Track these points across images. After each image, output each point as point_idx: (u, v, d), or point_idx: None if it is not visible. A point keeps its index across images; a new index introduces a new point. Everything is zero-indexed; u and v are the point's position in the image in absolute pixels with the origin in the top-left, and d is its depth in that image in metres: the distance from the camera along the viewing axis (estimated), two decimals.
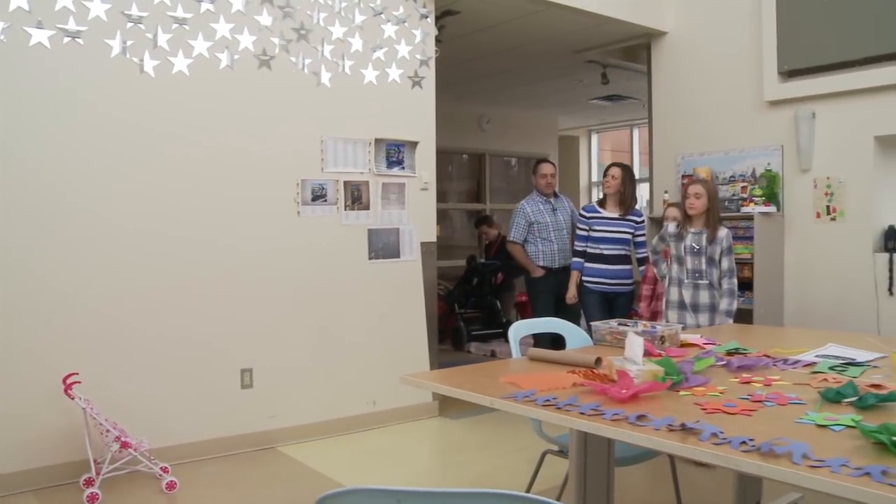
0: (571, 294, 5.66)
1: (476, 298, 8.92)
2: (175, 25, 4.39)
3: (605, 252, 5.52)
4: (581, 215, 5.69)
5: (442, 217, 11.13)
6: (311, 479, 4.26)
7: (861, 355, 2.86)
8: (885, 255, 5.24)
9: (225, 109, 4.60)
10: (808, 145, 5.59)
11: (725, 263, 4.67)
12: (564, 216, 6.00)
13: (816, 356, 2.86)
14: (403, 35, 5.29)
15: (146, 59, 4.31)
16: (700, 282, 4.70)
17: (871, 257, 5.32)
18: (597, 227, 5.56)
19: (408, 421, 5.32)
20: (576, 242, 5.68)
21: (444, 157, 10.75)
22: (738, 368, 2.61)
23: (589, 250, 5.57)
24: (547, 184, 5.97)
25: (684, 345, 3.12)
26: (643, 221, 5.66)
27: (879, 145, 5.33)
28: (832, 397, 2.15)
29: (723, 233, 4.69)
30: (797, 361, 2.76)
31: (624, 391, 2.13)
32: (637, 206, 5.70)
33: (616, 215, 5.56)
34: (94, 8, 4.13)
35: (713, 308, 4.68)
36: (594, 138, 12.91)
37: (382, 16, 5.18)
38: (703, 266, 4.69)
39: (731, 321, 4.56)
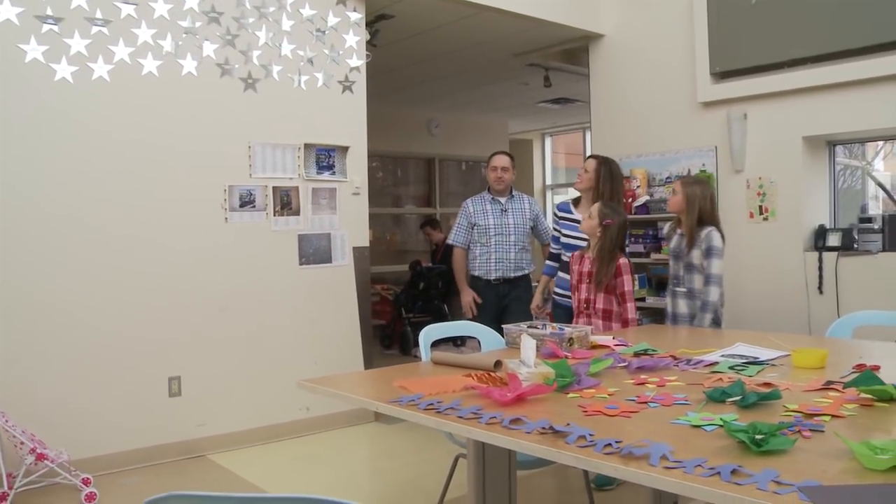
0: (535, 304, 5.05)
1: (423, 303, 8.89)
2: (95, 30, 4.32)
3: (568, 259, 4.66)
4: (554, 214, 5.03)
5: (396, 221, 11.12)
6: (241, 488, 4.20)
7: (764, 354, 2.88)
8: (815, 254, 5.29)
9: (148, 116, 4.54)
10: (741, 146, 5.63)
11: (707, 269, 4.17)
12: (518, 220, 5.13)
13: (721, 356, 2.87)
14: (333, 40, 5.26)
15: (63, 65, 4.23)
16: (677, 289, 4.34)
17: (801, 256, 5.37)
18: (564, 232, 4.81)
19: (343, 427, 5.28)
20: (551, 245, 5.03)
21: (395, 161, 10.75)
22: (637, 369, 2.61)
23: (563, 257, 4.82)
24: (497, 178, 5.13)
25: (595, 346, 3.12)
26: None
27: (808, 146, 5.38)
28: (717, 397, 2.15)
29: (703, 234, 4.19)
30: (700, 361, 2.76)
31: (508, 394, 2.11)
32: None
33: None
34: (3, 11, 4.05)
35: (692, 319, 4.24)
36: (548, 141, 12.95)
37: (311, 21, 5.14)
38: (682, 272, 4.31)
39: None
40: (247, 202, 4.87)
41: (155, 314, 4.58)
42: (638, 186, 6.11)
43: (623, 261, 4.11)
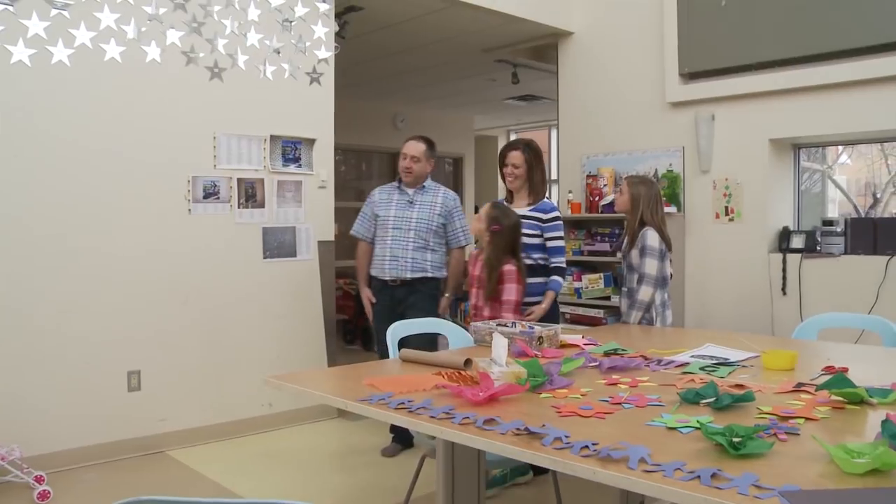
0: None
1: None
2: (54, 12, 4.19)
3: None
4: None
5: None
6: (201, 485, 4.12)
7: (735, 355, 2.88)
8: (779, 256, 5.34)
9: (111, 103, 4.42)
10: (708, 147, 5.66)
11: (640, 268, 4.15)
12: (423, 214, 4.50)
13: (691, 356, 2.87)
14: (301, 30, 5.15)
15: (20, 47, 4.10)
16: (623, 289, 4.34)
17: (766, 258, 5.41)
18: None
19: (306, 423, 5.21)
20: None
21: (360, 155, 10.66)
22: (608, 369, 2.59)
23: None
24: (405, 169, 4.52)
25: (564, 345, 3.10)
26: (553, 219, 4.25)
27: (774, 148, 5.42)
28: (691, 398, 2.14)
29: (642, 234, 4.15)
30: (671, 362, 2.76)
31: (481, 394, 2.08)
32: (547, 198, 4.35)
33: (521, 211, 4.20)
34: None
35: None
36: (513, 138, 12.92)
37: (279, 11, 5.05)
38: (625, 272, 4.32)
39: None
40: (211, 194, 4.78)
41: (114, 307, 4.46)
42: (605, 185, 6.11)
43: (509, 268, 3.86)
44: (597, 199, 6.10)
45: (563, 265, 4.24)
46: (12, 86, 4.10)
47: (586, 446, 1.69)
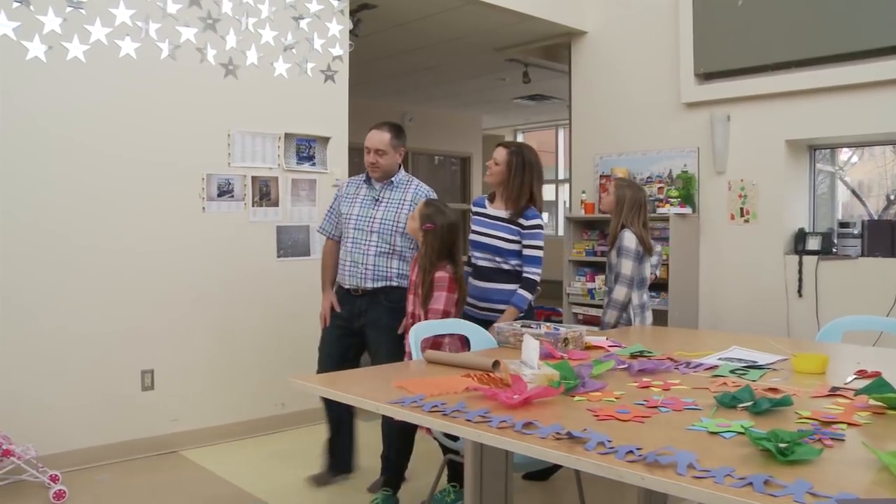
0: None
1: None
2: (69, 9, 4.16)
3: (478, 263, 3.92)
4: (470, 212, 4.17)
5: None
6: (214, 485, 4.09)
7: (763, 358, 2.84)
8: (796, 258, 5.31)
9: (125, 100, 4.40)
10: (723, 148, 5.63)
11: (616, 268, 4.21)
12: (390, 215, 3.86)
13: (719, 359, 2.83)
14: (316, 28, 5.13)
15: (36, 43, 4.07)
16: (605, 288, 4.40)
17: (782, 259, 5.38)
18: (473, 227, 4.00)
19: (319, 423, 5.13)
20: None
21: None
22: (638, 372, 2.55)
23: (472, 259, 4.01)
24: (370, 164, 3.89)
25: (589, 347, 3.06)
26: (534, 227, 3.84)
27: (790, 149, 5.39)
28: (728, 402, 2.10)
29: (619, 235, 4.21)
30: (699, 365, 2.72)
31: (515, 397, 2.04)
32: (533, 208, 3.89)
33: (502, 214, 3.89)
34: None
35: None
36: (520, 138, 12.91)
37: (294, 7, 5.02)
38: (608, 272, 4.35)
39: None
40: (225, 192, 4.75)
41: (127, 306, 4.43)
42: None
43: (440, 274, 3.51)
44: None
45: (535, 277, 3.81)
46: (28, 82, 4.07)
47: (631, 451, 1.66)
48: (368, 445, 4.17)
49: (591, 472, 1.66)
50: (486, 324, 3.58)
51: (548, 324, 3.24)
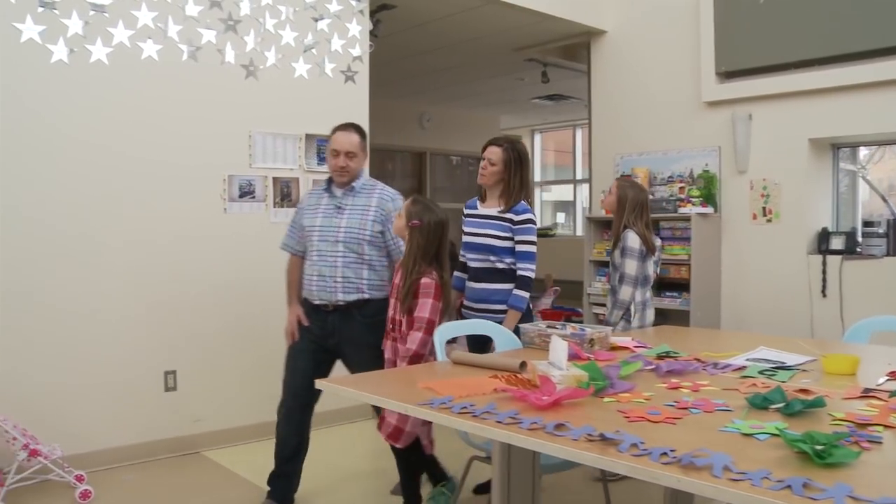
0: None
1: None
2: (92, 12, 4.19)
3: (473, 264, 3.77)
4: (462, 214, 3.94)
5: None
6: (237, 486, 4.10)
7: (791, 359, 2.82)
8: (819, 258, 5.26)
9: (147, 101, 4.41)
10: (745, 147, 5.58)
11: (620, 268, 4.15)
12: (355, 222, 3.58)
13: (747, 360, 2.81)
14: (336, 28, 5.15)
15: (60, 46, 4.10)
16: (608, 286, 4.36)
17: (805, 259, 5.33)
18: (465, 229, 3.85)
19: (344, 423, 5.18)
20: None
21: (385, 154, 10.62)
22: (666, 373, 2.53)
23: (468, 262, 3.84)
24: (340, 169, 3.62)
25: (614, 348, 3.05)
26: (525, 222, 3.67)
27: (813, 148, 5.34)
28: (759, 403, 2.08)
29: (623, 235, 4.17)
30: (727, 365, 2.70)
31: (545, 398, 2.03)
32: (523, 202, 3.71)
33: (492, 212, 3.74)
34: None
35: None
36: (537, 138, 12.87)
37: (314, 8, 5.03)
38: (610, 271, 4.32)
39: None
40: (246, 192, 4.76)
41: (150, 307, 4.45)
42: None
43: (426, 280, 3.23)
44: None
45: (529, 274, 3.65)
46: (52, 85, 4.09)
47: (665, 453, 1.64)
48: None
49: (626, 474, 1.64)
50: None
51: (573, 324, 3.22)
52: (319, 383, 2.50)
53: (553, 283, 8.14)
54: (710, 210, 5.68)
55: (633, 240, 4.14)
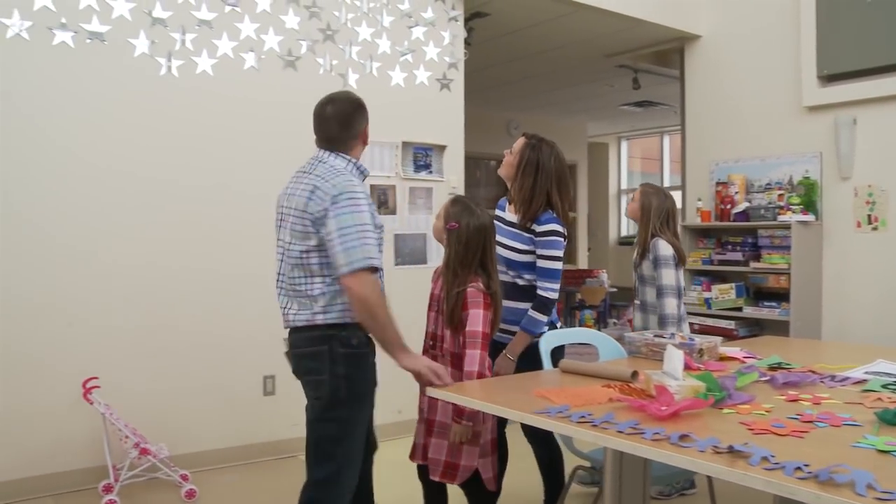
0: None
1: None
2: (198, 26, 4.31)
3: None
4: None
5: None
6: None
7: None
8: None
9: (249, 110, 4.53)
10: (849, 152, 5.41)
11: (658, 280, 3.91)
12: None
13: (866, 373, 2.71)
14: (432, 37, 5.19)
15: (171, 60, 4.24)
16: (636, 301, 4.14)
17: None
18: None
19: None
20: None
21: (473, 162, 10.63)
22: (783, 385, 2.47)
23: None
24: None
25: (723, 358, 2.99)
26: (548, 233, 3.21)
27: None
28: (890, 419, 2.00)
29: (650, 245, 3.95)
30: (846, 378, 2.61)
31: (664, 408, 2.00)
32: (550, 211, 3.25)
33: (515, 219, 3.33)
34: (117, 7, 4.07)
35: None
36: (624, 145, 12.72)
37: (411, 17, 5.08)
38: (637, 284, 4.11)
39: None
40: None
41: (251, 313, 4.55)
42: (736, 192, 5.92)
43: (472, 289, 2.84)
44: (728, 206, 5.91)
45: (550, 295, 3.18)
46: (162, 95, 4.23)
47: (799, 468, 1.59)
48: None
49: (759, 489, 1.60)
50: (500, 346, 3.21)
51: (681, 333, 3.16)
52: (430, 391, 2.50)
53: None
54: (811, 218, 5.52)
55: (664, 248, 3.91)
